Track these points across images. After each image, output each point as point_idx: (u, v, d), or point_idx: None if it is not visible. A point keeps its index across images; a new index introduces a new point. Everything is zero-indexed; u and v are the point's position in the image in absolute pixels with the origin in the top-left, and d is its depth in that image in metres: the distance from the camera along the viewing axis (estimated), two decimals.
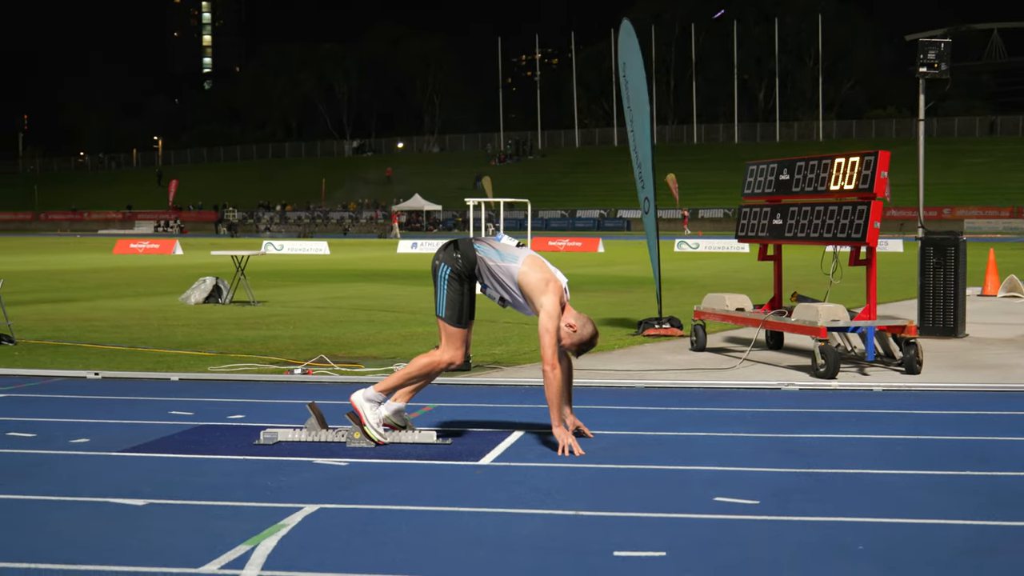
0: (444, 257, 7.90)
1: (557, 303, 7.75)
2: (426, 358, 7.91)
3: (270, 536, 5.53)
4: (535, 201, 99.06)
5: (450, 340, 7.84)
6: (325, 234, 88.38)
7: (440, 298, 7.86)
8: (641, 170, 14.98)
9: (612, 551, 5.34)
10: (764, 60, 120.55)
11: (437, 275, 7.88)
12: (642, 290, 23.63)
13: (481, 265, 7.84)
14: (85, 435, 8.23)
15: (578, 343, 7.88)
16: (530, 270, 7.80)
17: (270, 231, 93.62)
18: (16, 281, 25.77)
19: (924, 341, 14.52)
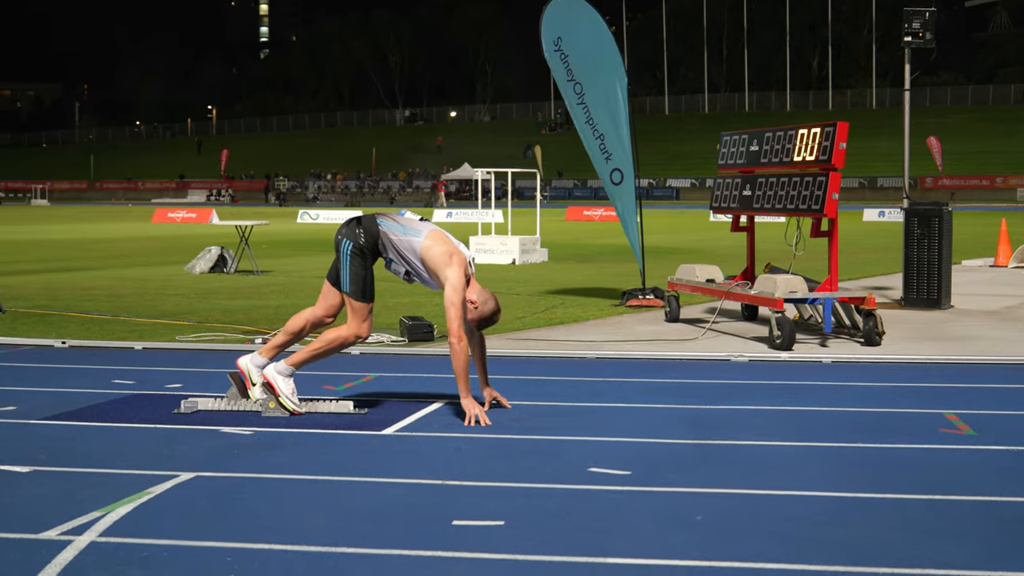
0: (347, 233, 8.00)
1: (462, 276, 7.84)
2: (334, 332, 8.03)
3: (127, 504, 5.68)
4: (584, 170, 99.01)
5: (356, 314, 7.95)
6: (372, 203, 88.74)
7: (344, 274, 7.96)
8: (604, 141, 14.91)
9: (452, 520, 5.44)
10: (817, 27, 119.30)
11: (340, 250, 7.99)
12: (655, 260, 23.57)
13: (384, 240, 7.94)
14: (14, 403, 8.43)
15: (478, 319, 7.99)
16: (433, 244, 7.89)
17: (318, 200, 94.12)
18: (35, 250, 26.19)
19: (906, 312, 14.51)
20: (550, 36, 14.93)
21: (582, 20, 14.86)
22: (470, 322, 8.01)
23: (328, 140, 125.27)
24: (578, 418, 8.03)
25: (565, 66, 14.89)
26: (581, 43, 14.86)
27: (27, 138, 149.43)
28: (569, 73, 14.89)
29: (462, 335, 7.79)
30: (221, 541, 5.09)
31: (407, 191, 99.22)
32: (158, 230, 41.65)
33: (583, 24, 14.86)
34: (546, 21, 14.94)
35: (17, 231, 40.86)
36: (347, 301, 7.97)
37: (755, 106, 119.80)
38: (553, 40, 14.91)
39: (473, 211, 29.24)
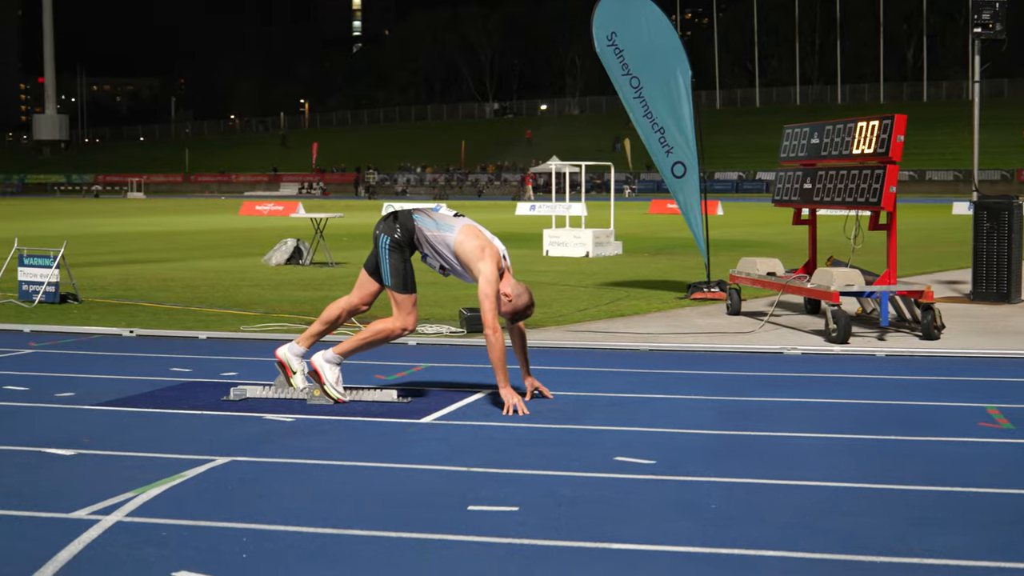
0: (384, 228, 8.16)
1: (494, 269, 7.96)
2: (381, 323, 8.18)
3: (159, 486, 5.88)
4: None
5: (400, 307, 8.09)
6: (460, 196, 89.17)
7: (384, 268, 8.11)
8: (664, 135, 14.93)
9: (467, 505, 5.57)
10: (913, 18, 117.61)
11: (378, 245, 8.14)
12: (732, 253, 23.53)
13: (419, 235, 8.09)
14: (73, 389, 8.71)
15: (512, 312, 8.12)
16: (466, 238, 8.03)
17: (407, 193, 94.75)
18: (121, 242, 26.77)
19: (973, 306, 14.38)
20: (603, 31, 14.96)
21: (639, 14, 14.89)
22: (504, 315, 8.14)
23: (418, 134, 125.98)
24: (616, 408, 8.13)
25: (620, 60, 14.93)
26: (638, 37, 14.89)
27: (125, 132, 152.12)
28: (625, 67, 14.92)
29: (497, 327, 7.91)
30: (241, 522, 5.26)
31: (495, 184, 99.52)
32: (244, 222, 42.27)
33: (640, 18, 14.88)
34: (598, 16, 14.99)
35: (106, 223, 41.70)
36: (390, 295, 8.11)
37: (848, 98, 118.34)
38: (607, 35, 14.94)
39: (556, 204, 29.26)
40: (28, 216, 49.24)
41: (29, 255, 14.65)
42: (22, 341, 11.43)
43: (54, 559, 4.72)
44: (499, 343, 7.89)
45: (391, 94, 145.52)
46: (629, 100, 14.96)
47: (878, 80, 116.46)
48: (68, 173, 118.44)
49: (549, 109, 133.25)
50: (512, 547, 4.93)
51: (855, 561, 4.73)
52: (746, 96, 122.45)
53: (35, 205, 69.21)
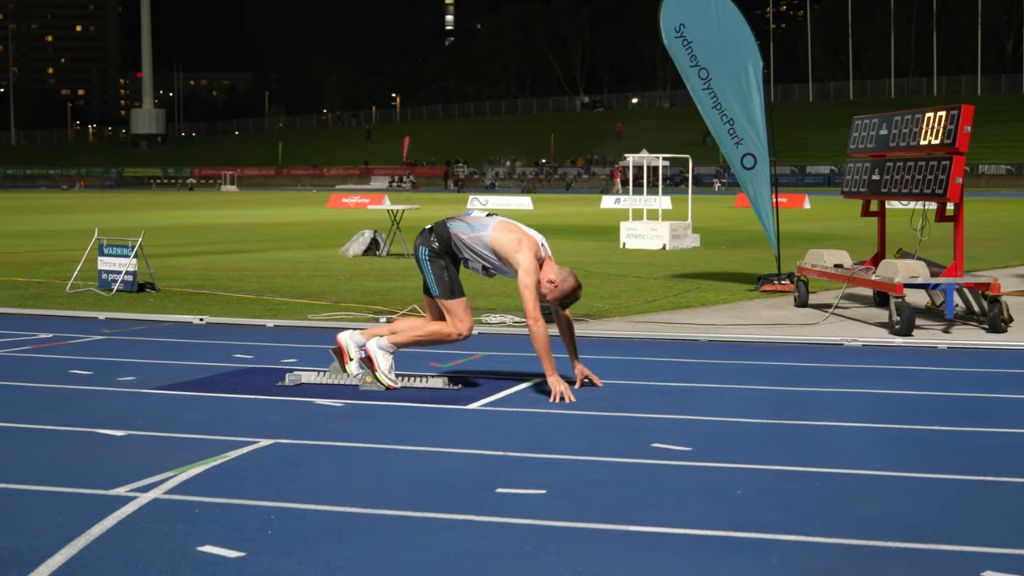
0: (421, 241, 8.31)
1: (532, 259, 8.04)
2: (437, 325, 8.27)
3: (200, 466, 6.05)
4: None
5: (452, 314, 8.19)
6: (548, 189, 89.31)
7: (429, 279, 8.24)
8: (733, 126, 14.88)
9: (496, 488, 5.66)
10: (1013, 9, 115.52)
11: (419, 259, 8.29)
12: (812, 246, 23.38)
13: (456, 241, 8.22)
14: (136, 374, 8.94)
15: (560, 297, 8.19)
16: (501, 234, 8.14)
17: (495, 186, 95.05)
18: (206, 233, 27.22)
19: None
20: (671, 23, 14.93)
21: (709, 5, 14.85)
22: (552, 302, 8.22)
23: (508, 127, 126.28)
24: (663, 397, 8.17)
25: (689, 52, 14.88)
26: (707, 28, 14.84)
27: (220, 126, 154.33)
28: (693, 59, 14.88)
29: (538, 316, 7.98)
30: (272, 501, 5.41)
31: (583, 178, 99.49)
32: (329, 215, 42.73)
33: (710, 9, 14.84)
34: (666, 8, 14.98)
35: (196, 216, 42.41)
36: (441, 305, 8.22)
37: (944, 90, 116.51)
38: (675, 27, 14.91)
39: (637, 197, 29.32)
40: (122, 208, 50.24)
41: (109, 245, 14.99)
42: (95, 328, 11.73)
43: (87, 533, 4.89)
44: (542, 332, 7.96)
45: (482, 88, 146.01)
46: (697, 91, 14.94)
47: (976, 72, 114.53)
48: (164, 166, 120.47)
49: (640, 103, 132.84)
50: (530, 527, 5.01)
51: (866, 546, 4.75)
52: (839, 89, 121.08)
53: (130, 198, 70.55)
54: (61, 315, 12.71)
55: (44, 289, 15.25)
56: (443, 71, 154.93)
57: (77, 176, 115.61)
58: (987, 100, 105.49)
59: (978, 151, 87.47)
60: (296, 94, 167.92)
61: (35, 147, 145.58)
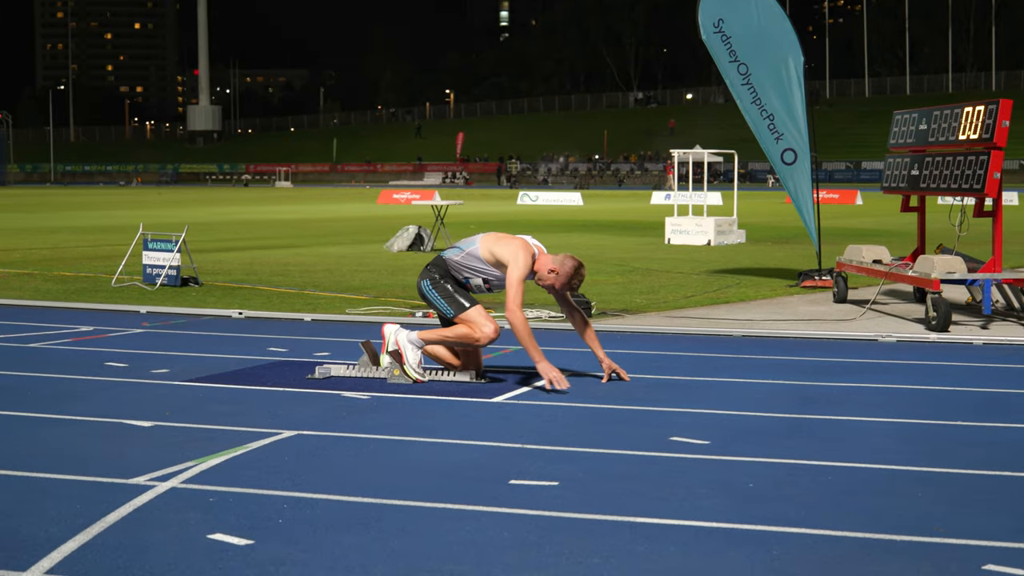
0: (422, 276, 8.54)
1: (522, 256, 8.20)
2: (465, 329, 8.34)
3: (221, 456, 6.15)
4: (821, 152, 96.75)
5: (473, 324, 8.27)
6: (601, 186, 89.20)
7: (441, 306, 8.40)
8: (773, 121, 14.83)
9: (509, 479, 5.72)
10: None
11: (424, 293, 8.49)
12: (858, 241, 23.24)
13: (452, 265, 8.44)
14: (170, 366, 9.07)
15: (565, 281, 8.30)
16: (489, 242, 8.40)
17: (548, 182, 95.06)
18: (254, 229, 27.44)
19: None
20: (709, 18, 14.90)
21: (748, 0, 14.82)
22: (562, 288, 8.34)
23: (561, 123, 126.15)
24: (688, 391, 8.20)
25: (727, 47, 14.84)
26: (746, 23, 14.80)
27: (275, 123, 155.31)
28: (732, 54, 14.84)
29: (515, 308, 8.08)
30: (287, 491, 5.49)
31: (636, 174, 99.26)
32: (379, 210, 42.94)
33: (749, 4, 14.80)
34: (704, 3, 14.94)
35: (247, 211, 42.76)
36: (461, 321, 8.31)
37: (1003, 85, 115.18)
38: (713, 22, 14.88)
39: (685, 193, 29.26)
40: (177, 204, 50.73)
41: (153, 240, 15.18)
42: (136, 321, 11.89)
43: (102, 520, 4.99)
44: (520, 321, 8.06)
45: (535, 84, 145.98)
46: (737, 87, 14.90)
47: None
48: (220, 163, 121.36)
49: (694, 98, 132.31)
50: (537, 518, 5.06)
51: (869, 539, 4.76)
52: (896, 84, 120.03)
53: (185, 194, 71.21)
54: (103, 308, 12.89)
55: (90, 283, 15.47)
56: (497, 67, 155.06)
57: (134, 172, 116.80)
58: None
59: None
60: (351, 91, 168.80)
61: (94, 144, 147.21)
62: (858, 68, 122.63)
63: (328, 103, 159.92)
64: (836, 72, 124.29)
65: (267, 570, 4.41)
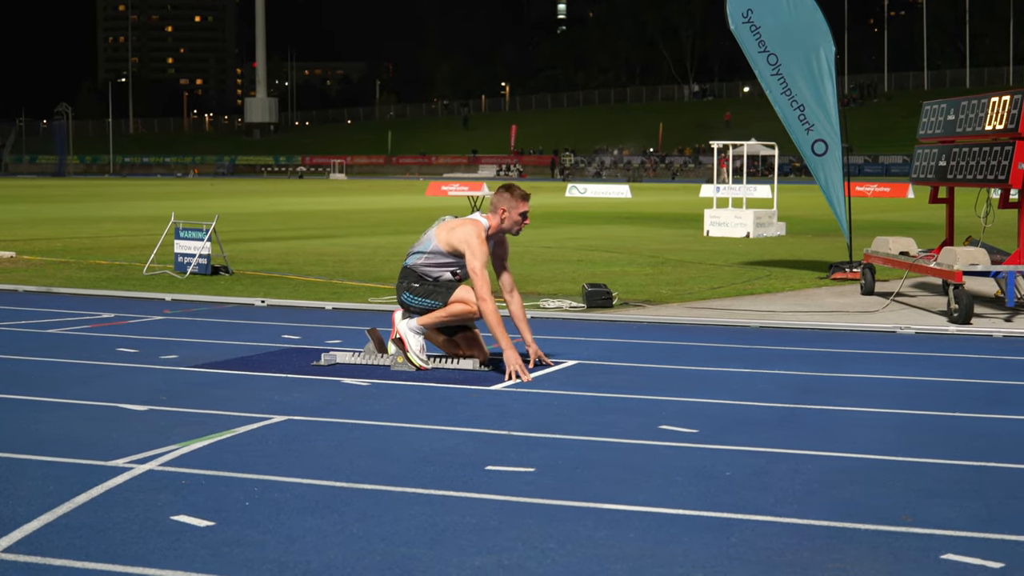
0: (399, 291, 8.63)
1: (476, 240, 8.27)
2: (460, 305, 8.35)
3: (205, 440, 6.18)
4: (878, 146, 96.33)
5: (465, 298, 8.33)
6: (654, 179, 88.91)
7: (430, 304, 8.43)
8: (804, 112, 14.70)
9: (486, 465, 5.71)
10: None
11: (409, 304, 8.53)
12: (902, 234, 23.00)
13: (419, 269, 8.53)
14: (180, 352, 9.14)
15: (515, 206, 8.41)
16: (444, 234, 8.46)
17: (602, 175, 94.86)
18: (297, 219, 27.59)
19: None
20: (738, 8, 14.82)
21: None
22: (523, 218, 8.43)
23: (617, 116, 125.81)
24: (690, 381, 8.16)
25: (757, 38, 14.74)
26: (776, 13, 14.69)
27: (332, 115, 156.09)
28: (762, 45, 14.74)
29: (486, 296, 8.13)
30: (261, 474, 5.51)
31: (689, 167, 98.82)
32: (427, 202, 43.01)
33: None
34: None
35: (295, 202, 43.00)
36: (453, 301, 8.32)
37: None
38: (742, 12, 14.78)
39: (736, 186, 29.18)
40: (229, 195, 51.12)
41: (184, 228, 15.30)
42: (158, 308, 11.99)
43: (71, 501, 5.03)
44: (490, 310, 8.11)
45: (591, 76, 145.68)
46: (766, 77, 14.80)
47: None
48: (276, 155, 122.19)
49: (750, 91, 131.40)
50: (503, 503, 5.05)
51: (833, 527, 4.72)
52: (956, 77, 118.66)
53: (239, 185, 71.72)
54: (129, 296, 13.02)
55: (122, 272, 15.62)
56: (553, 60, 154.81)
57: (191, 164, 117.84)
58: None
59: None
60: (407, 83, 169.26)
61: (152, 135, 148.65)
62: (918, 61, 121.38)
63: (384, 96, 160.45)
64: (895, 66, 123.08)
65: (221, 551, 4.43)
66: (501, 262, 8.67)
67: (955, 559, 4.34)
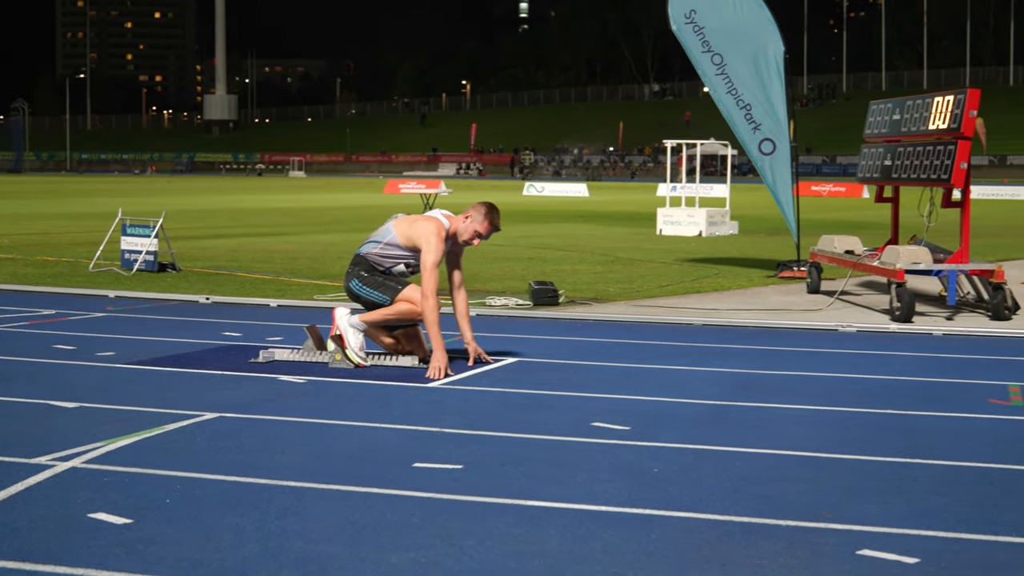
0: (347, 278, 8.63)
1: (434, 237, 8.23)
2: (406, 305, 8.31)
3: (131, 438, 6.12)
4: (835, 146, 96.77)
5: (412, 298, 8.28)
6: (613, 178, 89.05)
7: (377, 297, 8.41)
8: (750, 111, 14.73)
9: (414, 463, 5.69)
10: None
11: (356, 292, 8.52)
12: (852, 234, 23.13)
13: (372, 258, 8.50)
14: (117, 349, 9.05)
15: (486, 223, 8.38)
16: (403, 227, 8.43)
17: (560, 174, 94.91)
18: (250, 216, 27.45)
19: None
20: (681, 9, 14.83)
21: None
22: (487, 234, 8.42)
23: (577, 115, 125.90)
24: (627, 378, 8.15)
25: (700, 38, 14.76)
26: (723, 14, 14.71)
27: (291, 113, 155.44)
28: (705, 45, 14.76)
29: (430, 294, 8.10)
30: (185, 471, 5.46)
31: (649, 166, 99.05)
32: (384, 200, 42.87)
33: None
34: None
35: (251, 200, 42.78)
36: (400, 300, 8.28)
37: (1020, 79, 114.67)
38: (685, 13, 14.80)
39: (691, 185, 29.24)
40: (185, 192, 50.80)
41: (131, 225, 15.18)
42: (101, 305, 11.90)
43: None
44: (431, 308, 8.09)
45: (552, 75, 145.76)
46: (710, 77, 14.83)
47: None
48: (235, 152, 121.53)
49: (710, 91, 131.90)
50: (427, 500, 5.03)
51: (754, 523, 4.73)
52: (913, 78, 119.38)
53: (196, 183, 71.30)
54: (72, 292, 12.89)
55: (68, 268, 15.48)
56: (514, 59, 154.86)
57: (150, 161, 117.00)
58: None
59: None
60: (368, 81, 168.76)
61: (110, 132, 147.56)
62: (876, 62, 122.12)
63: (345, 93, 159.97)
64: (854, 66, 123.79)
65: (136, 548, 4.39)
66: (456, 259, 8.63)
67: (872, 555, 4.35)
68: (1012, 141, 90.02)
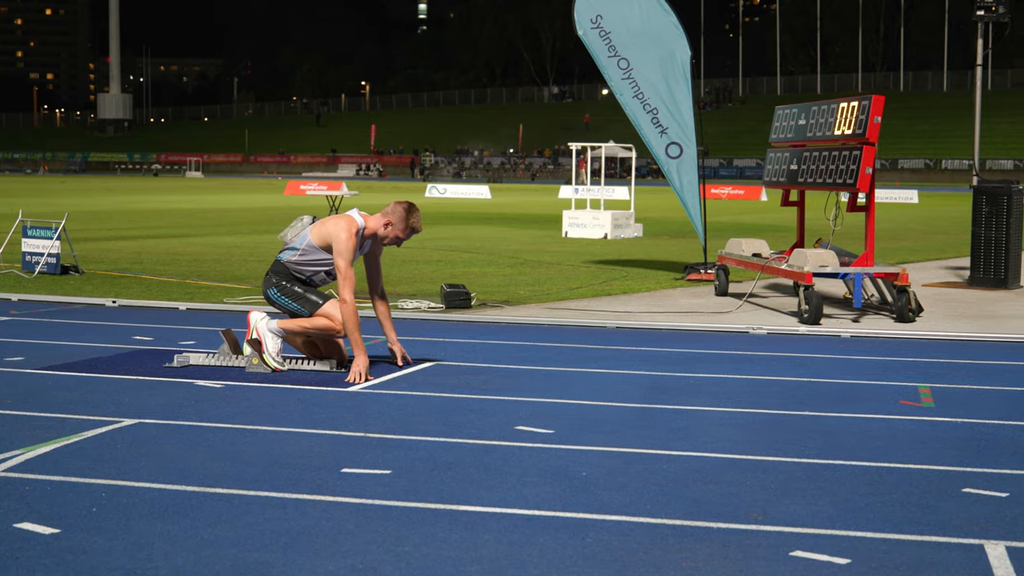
0: (266, 284, 8.52)
1: (346, 238, 8.19)
2: (325, 321, 8.24)
3: (51, 445, 6.02)
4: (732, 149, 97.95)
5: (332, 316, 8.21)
6: (514, 180, 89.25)
7: (295, 309, 8.35)
8: (657, 115, 14.88)
9: (342, 468, 5.66)
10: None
11: (274, 301, 8.45)
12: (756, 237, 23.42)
13: (291, 267, 8.42)
14: (26, 354, 8.88)
15: (404, 225, 8.33)
16: (317, 231, 8.39)
17: (461, 175, 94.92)
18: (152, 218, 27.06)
19: (967, 291, 14.27)
20: (587, 14, 14.92)
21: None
22: (406, 236, 8.38)
23: (477, 117, 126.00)
24: (547, 382, 8.18)
25: (607, 43, 14.86)
26: (628, 18, 14.82)
27: (188, 112, 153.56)
28: (612, 49, 14.86)
29: (347, 297, 8.08)
30: (110, 479, 5.38)
31: (549, 168, 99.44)
32: (286, 201, 42.55)
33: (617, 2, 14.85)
34: (581, 4, 14.97)
35: (149, 201, 42.18)
36: (319, 315, 8.22)
37: (911, 85, 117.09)
38: (591, 18, 14.89)
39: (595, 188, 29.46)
40: (79, 193, 49.91)
41: (32, 227, 14.90)
42: (4, 309, 11.65)
43: None
44: (350, 311, 8.07)
45: (451, 77, 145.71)
46: (617, 81, 14.93)
47: (942, 68, 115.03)
48: (130, 152, 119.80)
49: (609, 94, 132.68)
50: (359, 507, 5.01)
51: (686, 526, 4.78)
52: (807, 82, 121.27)
53: (91, 183, 70.06)
54: None
55: None
56: (413, 60, 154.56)
57: (42, 160, 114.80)
58: (953, 96, 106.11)
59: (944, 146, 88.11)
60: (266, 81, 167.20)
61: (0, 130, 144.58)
62: (772, 67, 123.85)
63: (242, 93, 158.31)
64: (750, 71, 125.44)
65: (65, 559, 4.31)
66: (375, 259, 8.59)
67: (804, 556, 4.42)
68: (903, 145, 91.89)
